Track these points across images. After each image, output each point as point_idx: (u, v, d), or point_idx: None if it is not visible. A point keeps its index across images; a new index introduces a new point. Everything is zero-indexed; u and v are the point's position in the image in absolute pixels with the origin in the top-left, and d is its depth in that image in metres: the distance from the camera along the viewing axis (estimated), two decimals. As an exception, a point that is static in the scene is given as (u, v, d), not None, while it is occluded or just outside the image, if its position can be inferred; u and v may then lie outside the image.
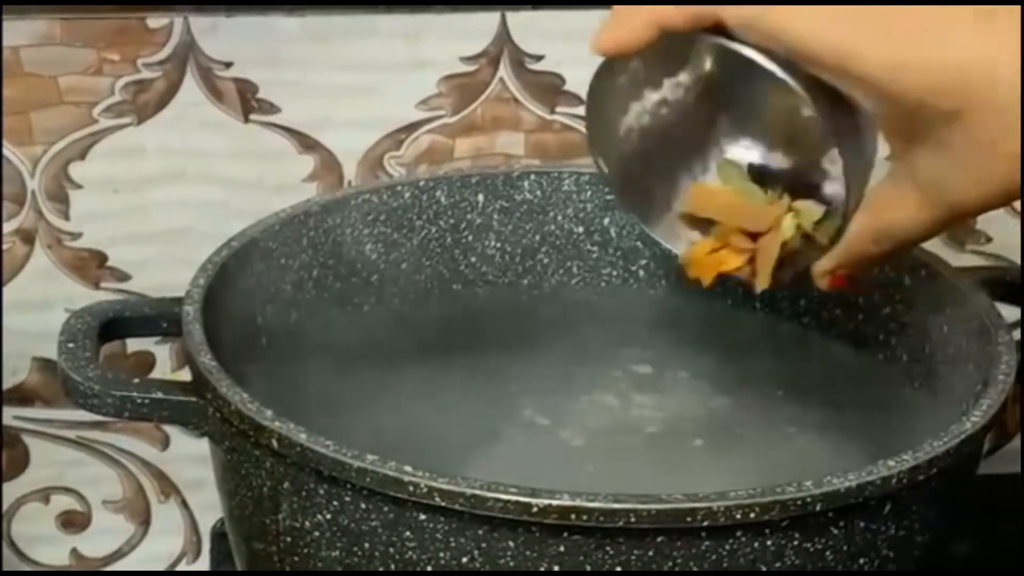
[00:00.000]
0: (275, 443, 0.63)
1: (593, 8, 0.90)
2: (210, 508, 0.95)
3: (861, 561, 0.64)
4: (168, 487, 0.99)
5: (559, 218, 0.86)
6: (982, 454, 0.71)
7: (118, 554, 1.00)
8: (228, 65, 0.90)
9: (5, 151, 0.89)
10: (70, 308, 0.76)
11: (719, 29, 0.64)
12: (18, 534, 0.99)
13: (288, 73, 0.90)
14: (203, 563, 0.99)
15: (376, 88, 0.91)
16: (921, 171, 0.63)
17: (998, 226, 1.00)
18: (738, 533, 0.61)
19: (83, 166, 0.91)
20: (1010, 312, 0.79)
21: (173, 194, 0.92)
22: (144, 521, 1.00)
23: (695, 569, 0.61)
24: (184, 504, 1.00)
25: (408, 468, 0.61)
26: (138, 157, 0.91)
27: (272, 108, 0.91)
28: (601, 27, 0.66)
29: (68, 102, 0.89)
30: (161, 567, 1.01)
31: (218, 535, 0.90)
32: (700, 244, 0.73)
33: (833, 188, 0.69)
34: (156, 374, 0.95)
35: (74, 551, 1.00)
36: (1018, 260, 0.99)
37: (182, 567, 1.01)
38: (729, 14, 0.63)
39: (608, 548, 0.60)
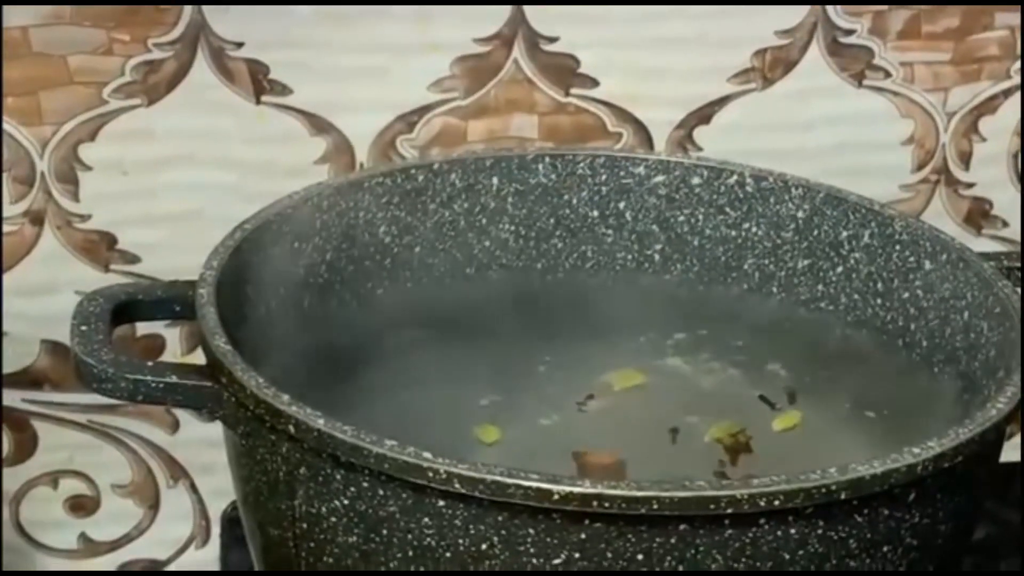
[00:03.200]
0: (292, 428, 0.63)
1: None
2: (220, 493, 0.94)
3: (885, 549, 0.63)
4: (177, 471, 0.98)
5: (573, 201, 0.85)
6: (1004, 441, 0.71)
7: (127, 538, 1.00)
8: (239, 46, 0.89)
9: (15, 131, 0.88)
10: (79, 290, 0.75)
11: None
12: (26, 518, 0.98)
13: (300, 54, 0.89)
14: (212, 548, 0.99)
15: (389, 70, 0.91)
16: None
17: (1014, 211, 0.99)
18: (761, 521, 0.60)
19: (93, 147, 0.90)
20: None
21: (183, 176, 0.91)
22: (153, 505, 0.99)
23: (718, 557, 0.60)
24: (193, 488, 0.99)
25: (427, 454, 0.60)
26: (148, 139, 0.90)
27: (284, 90, 0.90)
28: None
29: (78, 82, 0.88)
30: (170, 552, 1.00)
31: (228, 520, 0.89)
32: None
33: None
34: (166, 357, 0.94)
35: (82, 535, 0.99)
36: (1035, 245, 0.99)
37: (191, 552, 1.00)
38: None
39: (630, 536, 0.60)
